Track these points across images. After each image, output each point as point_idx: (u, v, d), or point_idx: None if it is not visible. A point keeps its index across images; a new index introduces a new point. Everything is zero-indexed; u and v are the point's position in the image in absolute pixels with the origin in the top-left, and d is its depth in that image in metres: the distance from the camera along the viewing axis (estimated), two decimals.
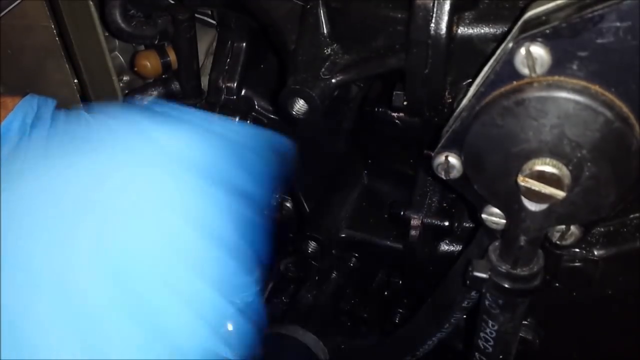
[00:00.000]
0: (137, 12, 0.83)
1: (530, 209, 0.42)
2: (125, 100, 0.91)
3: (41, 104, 0.76)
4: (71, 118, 0.79)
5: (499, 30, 0.49)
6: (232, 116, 0.83)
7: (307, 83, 0.57)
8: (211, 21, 0.89)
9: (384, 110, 0.73)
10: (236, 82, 0.84)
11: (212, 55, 0.88)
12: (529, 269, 0.46)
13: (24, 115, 0.73)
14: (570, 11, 0.37)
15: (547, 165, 0.38)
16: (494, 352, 0.52)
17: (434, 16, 0.48)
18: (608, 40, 0.35)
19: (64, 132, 0.75)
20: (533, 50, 0.37)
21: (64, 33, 0.89)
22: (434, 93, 0.51)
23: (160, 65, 0.86)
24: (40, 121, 0.74)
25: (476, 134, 0.41)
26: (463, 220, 0.69)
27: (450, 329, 0.62)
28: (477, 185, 0.44)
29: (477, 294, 0.55)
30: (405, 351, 0.69)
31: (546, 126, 0.38)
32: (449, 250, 0.71)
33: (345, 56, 0.58)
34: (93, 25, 0.87)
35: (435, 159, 0.45)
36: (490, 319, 0.50)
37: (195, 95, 0.87)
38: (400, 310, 0.83)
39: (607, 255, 0.54)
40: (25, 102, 0.74)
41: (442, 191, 0.70)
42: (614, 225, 0.54)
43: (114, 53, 0.94)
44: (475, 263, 0.48)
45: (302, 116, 0.59)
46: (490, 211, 0.45)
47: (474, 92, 0.41)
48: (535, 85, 0.38)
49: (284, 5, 0.63)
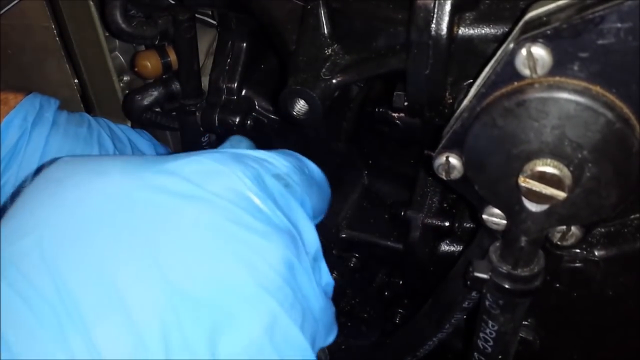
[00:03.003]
0: (137, 13, 0.83)
1: (531, 210, 0.42)
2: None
3: (44, 103, 0.76)
4: (73, 119, 0.79)
5: (500, 31, 0.49)
6: (233, 116, 0.83)
7: (307, 83, 0.57)
8: (211, 21, 0.89)
9: (384, 111, 0.73)
10: (236, 82, 0.84)
11: (212, 55, 0.88)
12: (530, 270, 0.46)
13: (25, 114, 0.73)
14: (571, 12, 0.37)
15: (548, 166, 0.38)
16: (493, 352, 0.52)
17: (435, 17, 0.48)
18: (609, 41, 0.35)
19: (65, 134, 0.75)
20: (534, 51, 0.37)
21: (64, 33, 0.89)
22: (435, 94, 0.52)
23: (161, 65, 0.86)
24: (42, 121, 0.74)
25: (477, 134, 0.41)
26: (463, 220, 0.69)
27: (451, 329, 0.62)
28: (478, 185, 0.44)
29: (477, 294, 0.55)
30: (406, 351, 0.69)
31: (547, 127, 0.38)
32: (449, 250, 0.71)
33: (345, 57, 0.58)
34: (93, 25, 0.87)
35: (435, 159, 0.45)
36: (490, 320, 0.50)
37: (195, 95, 0.88)
38: (400, 311, 0.83)
39: (607, 255, 0.54)
40: (28, 100, 0.74)
41: (442, 192, 0.70)
42: (614, 225, 0.54)
43: (114, 53, 0.94)
44: (476, 263, 0.48)
45: (302, 116, 0.59)
46: (491, 212, 0.45)
47: (475, 92, 0.41)
48: (536, 86, 0.38)
49: (284, 6, 0.63)
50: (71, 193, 0.41)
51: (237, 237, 0.40)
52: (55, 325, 0.35)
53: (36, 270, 0.37)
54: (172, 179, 0.42)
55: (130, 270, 0.37)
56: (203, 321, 0.37)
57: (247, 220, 0.41)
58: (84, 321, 0.35)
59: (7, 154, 0.70)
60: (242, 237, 0.40)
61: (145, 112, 0.89)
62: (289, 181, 0.47)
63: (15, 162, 0.71)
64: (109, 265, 0.37)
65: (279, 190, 0.46)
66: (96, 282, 0.36)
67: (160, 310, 0.36)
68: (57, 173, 0.44)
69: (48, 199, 0.41)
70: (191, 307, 0.37)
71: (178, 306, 0.36)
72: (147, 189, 0.41)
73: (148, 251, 0.38)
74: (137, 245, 0.38)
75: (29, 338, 0.34)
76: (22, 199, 0.43)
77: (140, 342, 0.35)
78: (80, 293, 0.36)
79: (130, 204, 0.40)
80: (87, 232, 0.39)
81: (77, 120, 0.79)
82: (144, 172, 0.42)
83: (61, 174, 0.43)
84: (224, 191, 0.42)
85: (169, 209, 0.40)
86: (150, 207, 0.40)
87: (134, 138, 0.86)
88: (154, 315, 0.36)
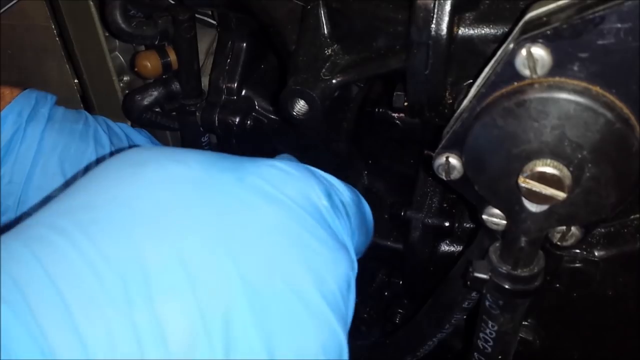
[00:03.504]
0: (137, 13, 0.83)
1: (531, 210, 0.42)
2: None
3: (40, 99, 0.76)
4: (70, 115, 0.79)
5: (500, 31, 0.49)
6: (233, 116, 0.83)
7: (307, 83, 0.57)
8: (211, 21, 0.89)
9: (384, 111, 0.73)
10: (236, 82, 0.84)
11: (212, 55, 0.88)
12: (530, 270, 0.46)
13: (20, 109, 0.73)
14: (571, 12, 0.37)
15: (548, 166, 0.38)
16: (493, 352, 0.52)
17: (435, 17, 0.48)
18: (609, 41, 0.35)
19: (60, 130, 0.75)
20: (534, 51, 0.37)
21: (64, 33, 0.89)
22: (435, 94, 0.52)
23: (161, 65, 0.86)
24: (37, 116, 0.74)
25: (477, 135, 0.41)
26: (463, 220, 0.69)
27: (451, 329, 0.62)
28: (478, 186, 0.44)
29: (477, 294, 0.55)
30: (406, 351, 0.69)
31: (547, 127, 0.38)
32: (449, 250, 0.71)
33: (345, 57, 0.58)
34: (93, 25, 0.87)
35: (435, 159, 0.45)
36: (490, 320, 0.50)
37: (195, 95, 0.88)
38: (400, 311, 0.83)
39: (607, 256, 0.54)
40: (23, 96, 0.74)
41: (442, 192, 0.70)
42: (614, 226, 0.54)
43: (114, 53, 0.94)
44: (476, 264, 0.48)
45: (302, 117, 0.59)
46: (491, 212, 0.45)
47: (475, 93, 0.41)
48: (536, 86, 0.38)
49: (284, 6, 0.63)
50: (152, 174, 0.41)
51: (310, 247, 0.41)
52: (122, 296, 0.34)
53: (108, 240, 0.36)
54: (251, 176, 0.42)
55: (204, 254, 0.37)
56: (265, 319, 0.37)
57: (319, 233, 0.42)
58: (152, 295, 0.35)
59: (2, 149, 0.70)
60: (315, 247, 0.41)
61: (145, 112, 0.89)
62: (348, 211, 0.47)
63: (10, 157, 0.71)
64: (184, 245, 0.37)
65: (343, 214, 0.46)
66: (169, 260, 0.36)
67: (227, 298, 0.36)
68: (136, 157, 0.43)
69: (128, 178, 0.41)
70: (256, 302, 0.37)
71: (244, 298, 0.37)
72: (227, 181, 0.41)
73: (224, 240, 0.38)
74: (214, 232, 0.38)
75: (93, 307, 0.34)
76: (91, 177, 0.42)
77: (202, 324, 0.35)
78: (152, 267, 0.35)
79: (210, 192, 0.40)
80: (165, 211, 0.38)
81: (74, 116, 0.79)
82: (224, 165, 0.43)
83: (142, 157, 0.43)
84: (301, 199, 0.42)
85: (247, 204, 0.40)
86: (229, 198, 0.40)
87: (132, 136, 0.86)
88: (220, 301, 0.36)
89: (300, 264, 0.40)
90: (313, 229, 0.42)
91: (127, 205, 0.38)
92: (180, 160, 0.42)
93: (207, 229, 0.38)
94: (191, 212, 0.39)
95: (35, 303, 0.33)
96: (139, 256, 0.36)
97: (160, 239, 0.37)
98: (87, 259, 0.35)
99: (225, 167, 0.43)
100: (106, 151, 0.78)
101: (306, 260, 0.40)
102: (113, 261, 0.35)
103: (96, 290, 0.34)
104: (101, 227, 0.37)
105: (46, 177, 0.73)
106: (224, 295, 0.36)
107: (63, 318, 0.33)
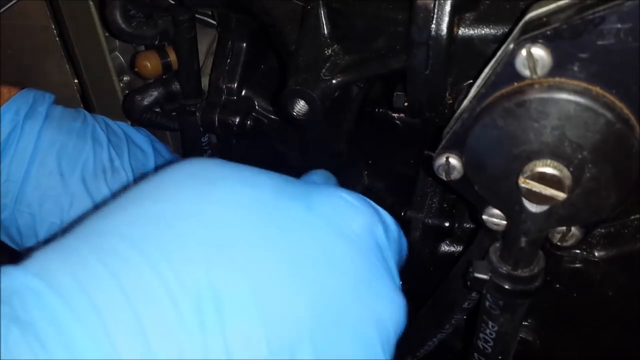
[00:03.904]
0: (137, 13, 0.83)
1: (531, 210, 0.42)
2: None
3: (37, 98, 0.76)
4: (68, 113, 0.79)
5: (500, 31, 0.49)
6: (233, 116, 0.83)
7: (307, 84, 0.57)
8: (211, 21, 0.89)
9: (384, 111, 0.73)
10: (236, 82, 0.84)
11: (212, 55, 0.88)
12: (530, 270, 0.46)
13: (18, 108, 0.72)
14: (572, 12, 0.37)
15: (548, 166, 0.38)
16: (493, 352, 0.52)
17: (435, 17, 0.48)
18: (609, 41, 0.35)
19: (58, 128, 0.75)
20: (534, 52, 0.37)
21: (64, 33, 0.89)
22: (435, 94, 0.51)
23: (161, 65, 0.86)
24: (34, 114, 0.74)
25: (477, 135, 0.41)
26: (464, 221, 0.69)
27: (451, 329, 0.62)
28: (478, 186, 0.44)
29: (477, 294, 0.55)
30: (406, 351, 0.69)
31: (547, 127, 0.38)
32: (449, 250, 0.71)
33: (346, 57, 0.58)
34: (93, 25, 0.87)
35: (436, 159, 0.45)
36: (490, 320, 0.50)
37: (195, 95, 0.88)
38: None
39: (607, 256, 0.54)
40: (21, 95, 0.74)
41: (442, 192, 0.70)
42: (614, 226, 0.54)
43: (114, 53, 0.94)
44: (476, 264, 0.48)
45: (302, 117, 0.59)
46: (491, 212, 0.45)
47: (475, 93, 0.41)
48: (536, 86, 0.38)
49: (284, 6, 0.63)
50: (222, 195, 0.40)
51: (374, 289, 0.41)
52: (195, 319, 0.34)
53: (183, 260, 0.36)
54: (321, 206, 0.42)
55: (275, 284, 0.37)
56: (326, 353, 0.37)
57: (381, 273, 0.42)
58: (224, 323, 0.34)
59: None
60: (378, 289, 0.41)
61: (145, 112, 0.89)
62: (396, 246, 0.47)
63: (7, 155, 0.71)
64: (256, 273, 0.37)
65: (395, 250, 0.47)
66: (241, 287, 0.36)
67: (294, 332, 0.36)
68: (202, 172, 0.43)
69: (198, 195, 0.40)
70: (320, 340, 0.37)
71: (309, 333, 0.37)
72: (298, 209, 0.41)
73: (295, 272, 0.38)
74: (285, 262, 0.38)
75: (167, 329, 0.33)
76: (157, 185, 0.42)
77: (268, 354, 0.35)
78: (225, 293, 0.35)
79: (281, 220, 0.40)
80: (238, 235, 0.38)
81: (72, 114, 0.79)
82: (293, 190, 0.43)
83: (210, 174, 0.43)
84: (366, 235, 0.43)
85: (318, 236, 0.40)
86: (301, 228, 0.40)
87: (132, 135, 0.86)
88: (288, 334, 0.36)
89: (366, 307, 0.40)
90: (376, 269, 0.42)
91: (200, 226, 0.38)
92: (249, 182, 0.42)
93: (279, 258, 0.38)
94: (262, 239, 0.39)
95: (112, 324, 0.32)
96: (213, 280, 0.35)
97: (233, 264, 0.37)
98: (163, 279, 0.35)
99: (295, 194, 0.42)
100: (104, 149, 0.77)
101: (370, 304, 0.40)
102: (188, 283, 0.35)
103: (170, 312, 0.34)
104: (176, 246, 0.36)
105: (44, 175, 0.72)
106: (292, 329, 0.36)
107: (138, 339, 0.33)
